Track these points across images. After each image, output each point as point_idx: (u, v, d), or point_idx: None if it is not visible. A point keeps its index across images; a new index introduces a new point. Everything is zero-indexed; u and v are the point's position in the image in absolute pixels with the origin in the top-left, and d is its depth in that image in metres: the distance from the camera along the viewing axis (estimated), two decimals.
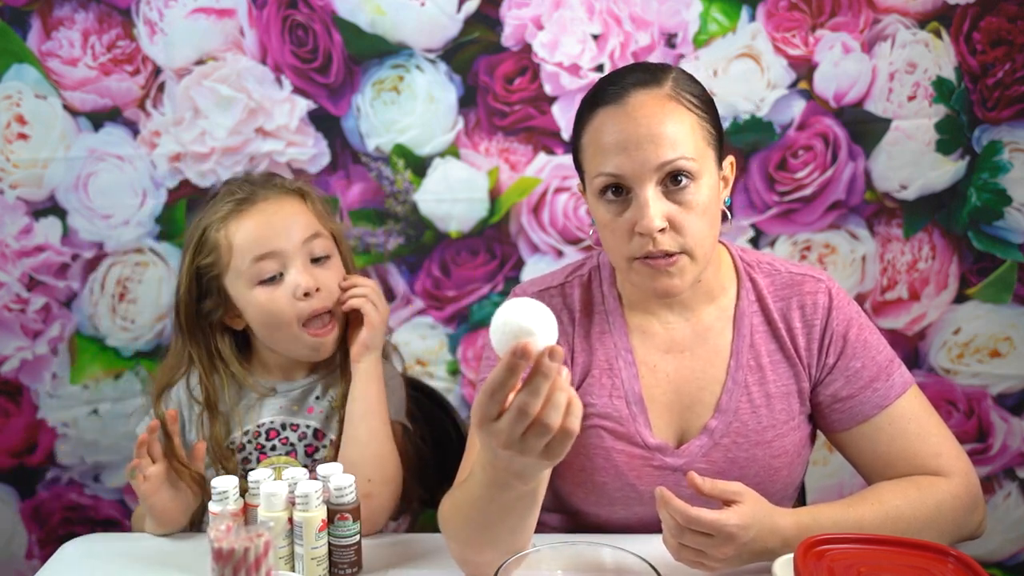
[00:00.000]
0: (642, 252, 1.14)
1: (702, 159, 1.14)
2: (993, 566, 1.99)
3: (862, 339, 1.25)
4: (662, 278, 1.15)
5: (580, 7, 1.84)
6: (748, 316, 1.26)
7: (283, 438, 1.34)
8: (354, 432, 1.29)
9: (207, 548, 0.83)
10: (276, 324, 1.31)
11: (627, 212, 1.14)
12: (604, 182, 1.15)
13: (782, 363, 1.25)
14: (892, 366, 1.25)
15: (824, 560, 0.99)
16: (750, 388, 1.24)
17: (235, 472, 1.32)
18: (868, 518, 1.14)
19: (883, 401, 1.22)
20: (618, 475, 1.24)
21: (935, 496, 1.17)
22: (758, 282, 1.27)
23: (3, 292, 1.93)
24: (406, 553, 1.23)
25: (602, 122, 1.15)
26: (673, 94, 1.15)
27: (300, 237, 1.30)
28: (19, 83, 1.87)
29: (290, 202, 1.33)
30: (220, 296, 1.33)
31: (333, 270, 1.33)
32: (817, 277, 1.27)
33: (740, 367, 1.25)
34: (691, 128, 1.14)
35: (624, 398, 1.24)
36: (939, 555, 0.99)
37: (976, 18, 1.82)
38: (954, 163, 1.87)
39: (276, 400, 1.37)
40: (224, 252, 1.30)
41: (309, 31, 1.86)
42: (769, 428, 1.24)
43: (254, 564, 0.81)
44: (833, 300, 1.25)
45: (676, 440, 1.26)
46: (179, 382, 1.37)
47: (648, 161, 1.12)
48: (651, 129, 1.12)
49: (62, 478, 1.99)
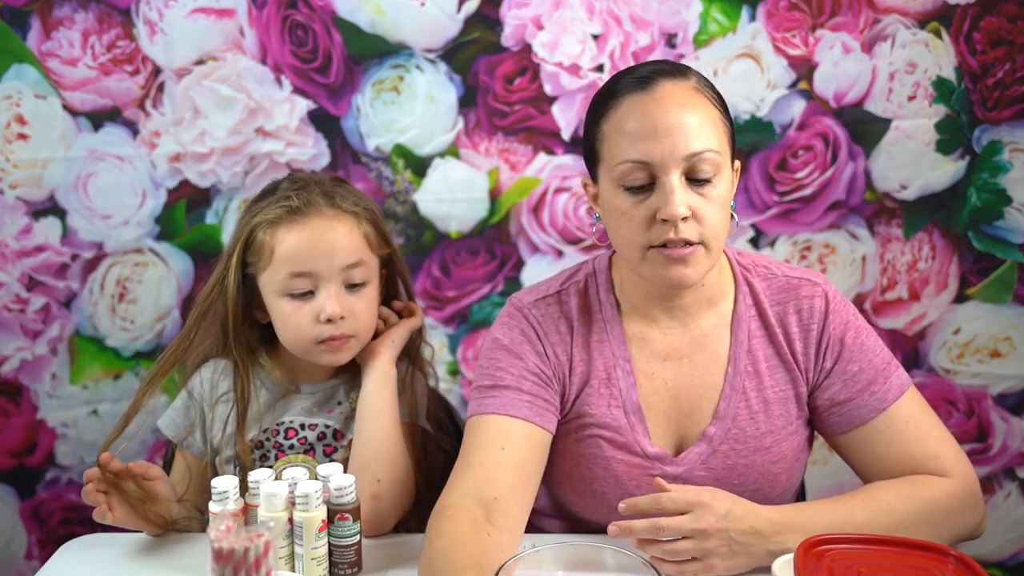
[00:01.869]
0: (661, 240, 1.13)
1: (724, 154, 1.15)
2: (993, 566, 1.99)
3: (859, 343, 1.24)
4: (677, 267, 1.14)
5: (580, 7, 1.84)
6: (746, 321, 1.25)
7: (301, 437, 1.34)
8: (364, 432, 1.29)
9: (207, 548, 0.82)
10: (294, 338, 1.31)
11: (649, 199, 1.13)
12: (628, 169, 1.13)
13: (779, 368, 1.25)
14: (889, 368, 1.24)
15: (824, 560, 0.99)
16: (748, 394, 1.24)
17: (251, 468, 1.31)
18: (858, 512, 1.14)
19: (881, 404, 1.22)
20: (618, 484, 1.23)
21: (929, 493, 1.17)
22: (755, 286, 1.27)
23: (3, 292, 1.93)
24: (406, 553, 1.23)
25: (629, 108, 1.14)
26: (698, 87, 1.16)
27: (341, 263, 1.29)
28: (19, 83, 1.87)
29: (342, 224, 1.30)
30: (254, 292, 1.34)
31: (365, 299, 1.32)
32: (814, 281, 1.26)
33: (738, 373, 1.24)
34: (715, 122, 1.15)
35: (622, 407, 1.24)
36: (939, 555, 0.99)
37: (976, 18, 1.82)
38: (954, 163, 1.87)
39: (299, 401, 1.37)
40: (266, 256, 1.30)
41: (309, 31, 1.86)
42: (767, 434, 1.23)
43: (254, 564, 0.81)
44: (830, 304, 1.24)
45: (675, 448, 1.25)
46: (199, 378, 1.37)
47: (677, 149, 1.11)
48: (681, 117, 1.12)
49: (62, 478, 1.99)
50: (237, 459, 1.33)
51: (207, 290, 1.35)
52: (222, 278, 1.33)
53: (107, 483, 1.20)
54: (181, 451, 1.38)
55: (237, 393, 1.34)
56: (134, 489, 1.22)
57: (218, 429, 1.34)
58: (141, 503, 1.22)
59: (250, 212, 1.34)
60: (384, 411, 1.30)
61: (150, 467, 1.25)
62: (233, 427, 1.33)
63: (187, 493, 1.33)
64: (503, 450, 1.17)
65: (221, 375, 1.37)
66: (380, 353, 1.33)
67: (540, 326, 1.25)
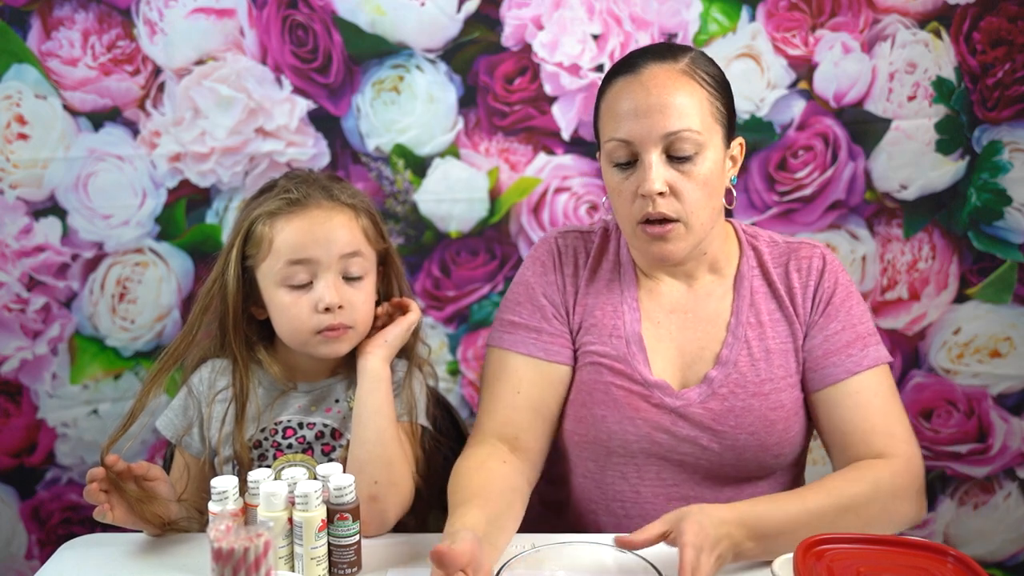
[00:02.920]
0: (642, 213, 1.22)
1: (708, 133, 1.22)
2: (993, 566, 1.99)
3: (846, 306, 1.30)
4: (658, 243, 1.24)
5: (580, 7, 1.84)
6: (748, 280, 1.33)
7: (300, 437, 1.34)
8: (360, 433, 1.29)
9: (207, 548, 0.83)
10: (292, 329, 1.31)
11: (633, 175, 1.23)
12: (615, 147, 1.24)
13: (781, 321, 1.31)
14: (870, 339, 1.29)
15: (824, 560, 0.99)
16: (750, 343, 1.30)
17: (250, 468, 1.31)
18: (810, 497, 1.18)
19: (854, 367, 1.27)
20: (616, 408, 1.28)
21: (875, 473, 1.21)
22: (760, 250, 1.35)
23: (3, 292, 1.93)
24: (406, 553, 1.23)
25: (619, 90, 1.24)
26: (688, 69, 1.23)
27: (339, 252, 1.29)
28: (19, 83, 1.87)
29: (341, 215, 1.32)
30: (252, 286, 1.34)
31: (363, 291, 1.33)
32: (813, 244, 1.35)
33: (740, 324, 1.31)
34: (700, 103, 1.22)
35: (624, 338, 1.30)
36: (939, 555, 0.99)
37: (976, 18, 1.83)
38: (954, 163, 1.87)
39: (296, 399, 1.37)
40: (265, 247, 1.30)
41: (309, 31, 1.86)
42: (767, 381, 1.28)
43: (254, 564, 0.81)
44: (827, 264, 1.32)
45: (677, 386, 1.30)
46: (198, 376, 1.37)
47: (655, 128, 1.20)
48: (661, 99, 1.20)
49: (62, 478, 2.00)
50: (236, 458, 1.33)
51: (208, 285, 1.35)
52: (222, 272, 1.33)
53: (108, 483, 1.20)
54: (180, 450, 1.38)
55: (236, 389, 1.34)
56: (134, 489, 1.23)
57: (216, 428, 1.34)
58: (140, 503, 1.22)
59: (248, 208, 1.35)
60: (379, 412, 1.29)
61: (151, 467, 1.25)
62: (231, 426, 1.33)
63: (186, 493, 1.33)
64: (519, 393, 1.31)
65: (219, 374, 1.37)
66: (372, 353, 1.33)
67: (562, 254, 1.37)
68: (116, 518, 1.21)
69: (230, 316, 1.33)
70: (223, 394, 1.35)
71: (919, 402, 1.95)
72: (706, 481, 1.30)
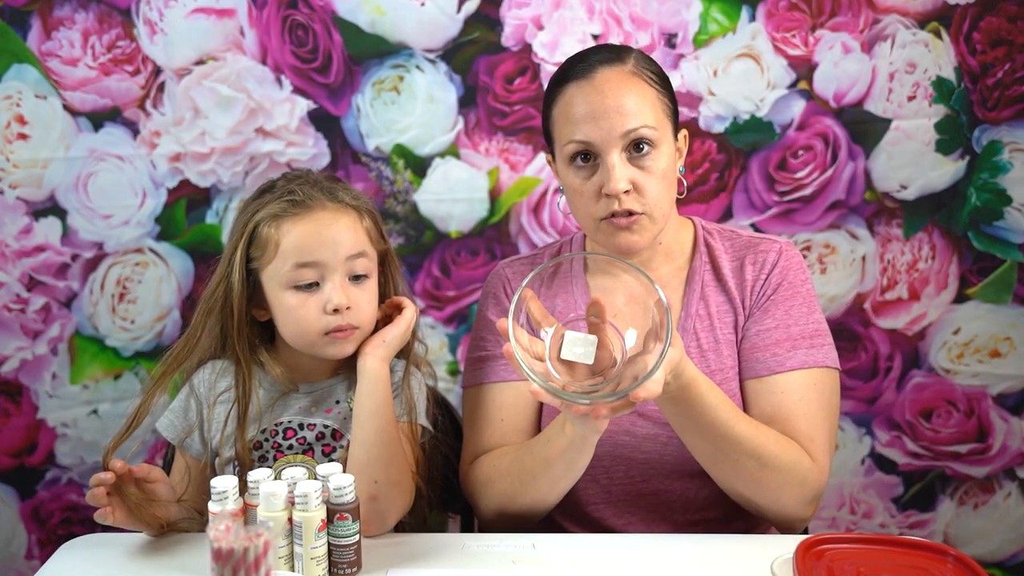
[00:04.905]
0: (608, 212, 1.26)
1: (662, 129, 1.27)
2: (993, 566, 1.99)
3: (787, 304, 1.32)
4: (624, 234, 1.27)
5: (580, 7, 1.84)
6: (700, 274, 1.36)
7: (300, 438, 1.34)
8: (359, 434, 1.29)
9: (207, 548, 0.83)
10: (300, 331, 1.31)
11: (595, 176, 1.27)
12: (574, 149, 1.27)
13: (729, 313, 1.34)
14: (801, 342, 1.30)
15: (823, 560, 0.99)
16: (699, 335, 1.33)
17: (251, 469, 1.31)
18: (743, 423, 1.20)
19: (776, 367, 1.29)
20: None
21: (800, 455, 1.24)
22: (713, 246, 1.38)
23: (3, 292, 1.93)
24: (406, 553, 1.23)
25: (572, 95, 1.27)
26: (636, 71, 1.28)
27: (345, 253, 1.30)
28: (19, 83, 1.87)
29: (346, 216, 1.32)
30: (255, 288, 1.34)
31: (368, 291, 1.33)
32: (774, 240, 1.37)
33: (689, 316, 1.34)
34: (652, 101, 1.27)
35: None
36: (939, 555, 1.00)
37: (976, 18, 1.83)
38: (954, 163, 1.87)
39: (297, 400, 1.37)
40: (271, 250, 1.30)
41: (309, 31, 1.86)
42: (717, 372, 1.31)
43: (253, 564, 0.81)
44: (780, 258, 1.34)
45: None
46: (199, 378, 1.37)
47: (614, 129, 1.24)
48: (616, 101, 1.25)
49: (62, 478, 2.00)
50: (237, 459, 1.33)
51: (212, 288, 1.35)
52: (226, 275, 1.33)
53: (110, 485, 1.20)
54: (181, 452, 1.38)
55: (239, 390, 1.34)
56: (134, 491, 1.23)
57: (216, 430, 1.34)
58: (139, 506, 1.22)
59: (249, 210, 1.34)
60: (378, 412, 1.29)
61: (152, 470, 1.25)
62: (232, 427, 1.33)
63: (186, 494, 1.33)
64: (503, 421, 1.35)
65: (220, 375, 1.37)
66: (371, 353, 1.33)
67: (510, 282, 1.42)
68: (117, 520, 1.21)
69: (234, 319, 1.33)
70: (225, 396, 1.35)
71: (919, 402, 1.95)
72: (674, 474, 1.32)
